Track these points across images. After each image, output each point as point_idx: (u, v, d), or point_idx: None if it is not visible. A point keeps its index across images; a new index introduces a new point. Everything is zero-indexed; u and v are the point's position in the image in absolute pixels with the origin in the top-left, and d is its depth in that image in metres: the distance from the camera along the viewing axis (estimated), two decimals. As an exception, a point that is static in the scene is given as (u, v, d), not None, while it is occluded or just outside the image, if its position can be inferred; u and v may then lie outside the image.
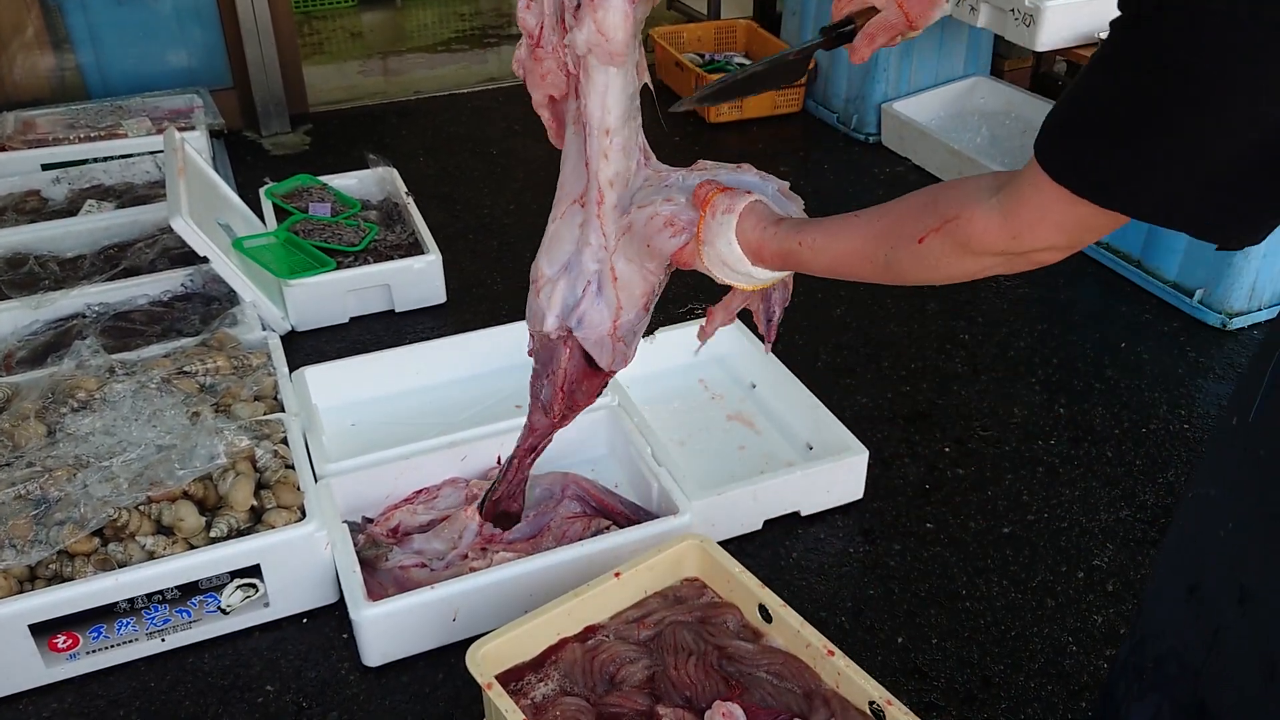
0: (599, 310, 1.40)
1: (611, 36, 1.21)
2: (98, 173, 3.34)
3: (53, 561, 1.87)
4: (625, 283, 1.37)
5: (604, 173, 1.34)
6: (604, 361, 1.45)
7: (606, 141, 1.32)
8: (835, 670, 1.61)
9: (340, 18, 5.76)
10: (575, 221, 1.40)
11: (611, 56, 1.23)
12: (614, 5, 1.20)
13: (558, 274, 1.43)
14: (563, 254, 1.42)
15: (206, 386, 2.29)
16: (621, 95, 1.29)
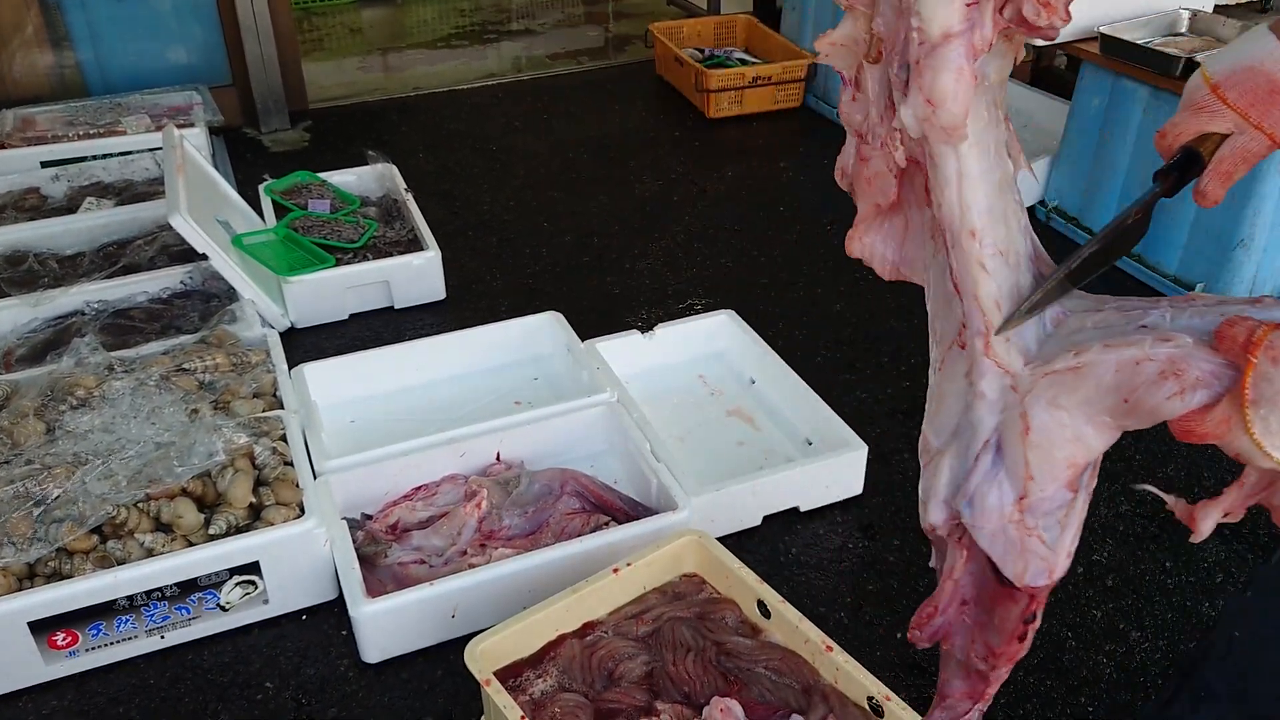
0: (995, 483, 1.02)
1: (942, 104, 0.93)
2: (97, 170, 3.34)
3: (52, 559, 1.87)
4: (1042, 439, 0.99)
5: (982, 290, 1.01)
6: (1007, 564, 1.03)
7: (975, 246, 1.00)
8: (834, 666, 1.61)
9: (340, 14, 5.75)
10: (959, 371, 1.06)
11: (947, 132, 0.94)
12: (946, 62, 0.91)
13: (945, 443, 1.08)
14: (950, 416, 1.08)
15: (206, 384, 2.29)
16: (982, 182, 0.99)
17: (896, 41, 0.96)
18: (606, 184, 3.69)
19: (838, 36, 1.02)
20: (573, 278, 3.13)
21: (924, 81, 0.93)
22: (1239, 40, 1.06)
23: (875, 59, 1.00)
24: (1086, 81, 3.17)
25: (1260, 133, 1.02)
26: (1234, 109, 1.02)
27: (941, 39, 0.91)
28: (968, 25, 0.91)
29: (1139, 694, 1.85)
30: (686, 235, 3.35)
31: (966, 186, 0.98)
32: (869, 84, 1.02)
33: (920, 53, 0.92)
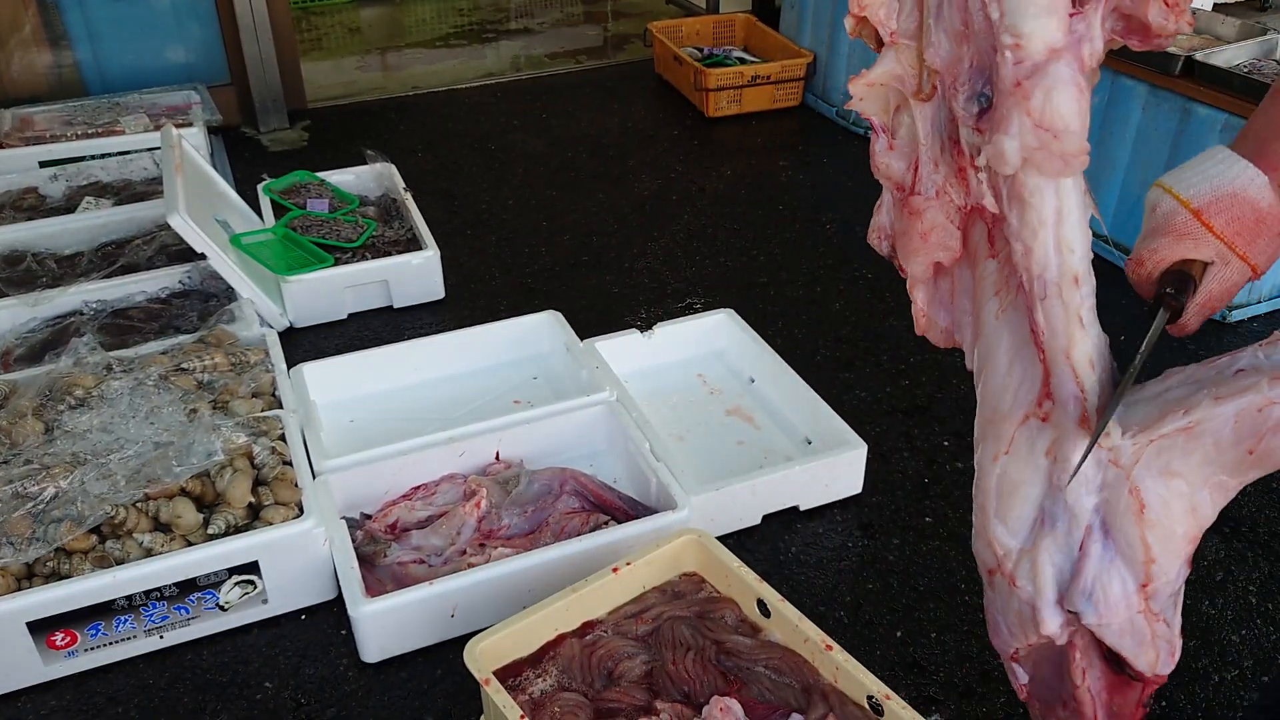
0: (1114, 572, 0.90)
1: (1065, 129, 0.82)
2: (95, 170, 3.34)
3: (50, 559, 1.87)
4: (1161, 515, 0.87)
5: (1077, 349, 0.89)
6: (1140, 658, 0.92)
7: (1076, 297, 0.88)
8: (834, 665, 1.61)
9: (338, 13, 5.75)
10: (1038, 448, 0.92)
11: (1067, 160, 0.83)
12: (1059, 80, 0.80)
13: (1029, 538, 0.93)
14: (1029, 505, 0.93)
15: (204, 383, 2.29)
16: (1082, 222, 0.88)
17: (960, 71, 0.86)
18: (605, 183, 3.69)
19: (877, 75, 0.90)
20: (572, 277, 3.13)
21: (1033, 106, 0.81)
22: (1203, 161, 1.00)
23: (928, 96, 0.90)
24: (1085, 80, 3.16)
25: (1244, 263, 0.97)
26: (1219, 237, 0.96)
27: (1047, 55, 0.81)
28: (1074, 38, 0.82)
29: (1139, 692, 1.85)
30: (685, 234, 3.34)
31: (1067, 227, 0.87)
32: (919, 126, 0.91)
33: (1020, 74, 0.81)
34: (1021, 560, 0.93)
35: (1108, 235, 3.25)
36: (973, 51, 0.84)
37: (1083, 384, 0.89)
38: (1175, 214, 0.96)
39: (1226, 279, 0.98)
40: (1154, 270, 0.99)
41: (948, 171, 0.91)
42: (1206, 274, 0.97)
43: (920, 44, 0.88)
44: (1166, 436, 0.86)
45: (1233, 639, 1.94)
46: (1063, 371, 0.89)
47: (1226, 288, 0.98)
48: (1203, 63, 2.79)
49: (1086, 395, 0.89)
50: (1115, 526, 0.89)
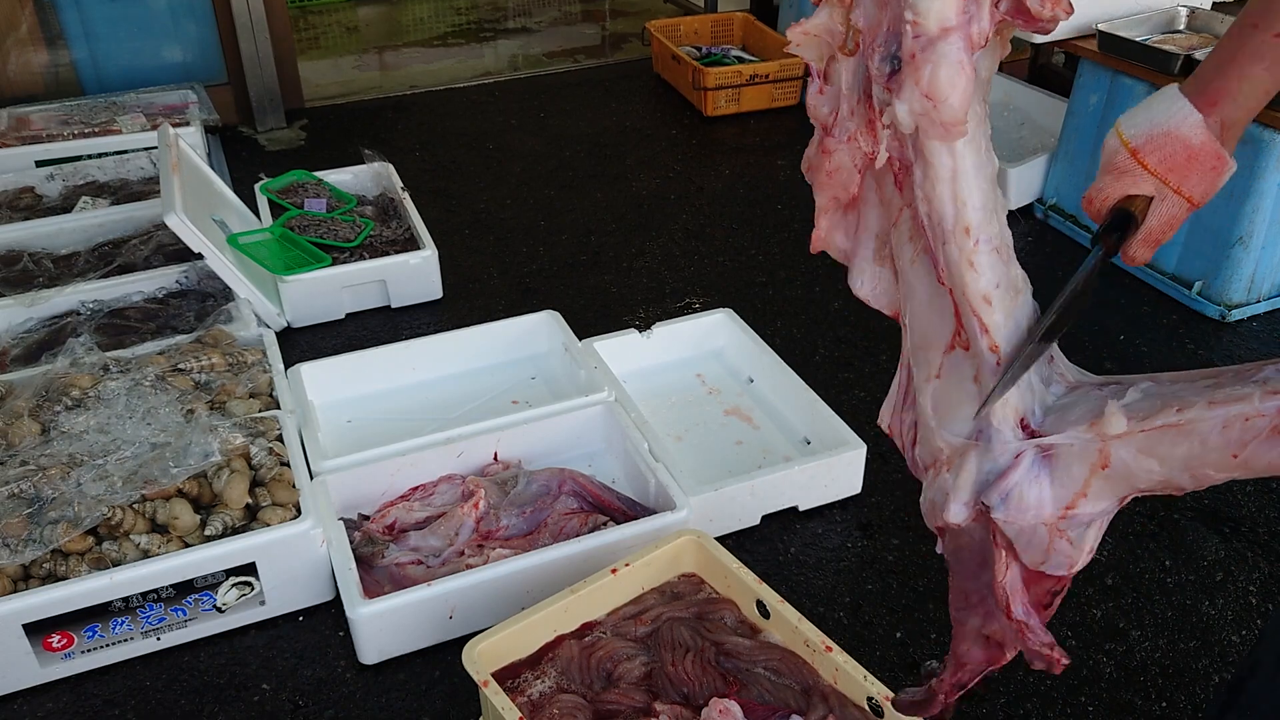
0: (1041, 488, 1.00)
1: (943, 99, 0.90)
2: (92, 169, 3.33)
3: (47, 560, 1.86)
4: (1119, 474, 0.97)
5: (973, 288, 0.99)
6: (1027, 555, 1.04)
7: (969, 244, 0.98)
8: (833, 666, 1.60)
9: (335, 12, 5.74)
10: (966, 374, 1.04)
11: (946, 128, 0.92)
12: (945, 57, 0.89)
13: (962, 446, 1.05)
14: (964, 420, 1.05)
15: (201, 383, 2.28)
16: (977, 178, 0.97)
17: (878, 34, 0.95)
18: (603, 182, 3.68)
19: (811, 26, 1.00)
20: (570, 276, 3.12)
21: (922, 76, 0.89)
22: (1152, 100, 1.08)
23: (851, 52, 0.98)
24: (1085, 79, 3.16)
25: (1180, 197, 1.05)
26: (1154, 174, 1.05)
27: (939, 33, 0.89)
28: (965, 18, 0.89)
29: (1138, 693, 1.85)
30: (684, 233, 3.34)
31: (962, 183, 0.96)
32: (841, 76, 1.00)
33: (916, 46, 0.90)
34: (951, 458, 1.05)
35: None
36: (890, 17, 0.94)
37: (980, 316, 1.00)
38: (1117, 153, 1.06)
39: (1164, 213, 1.07)
40: (1101, 207, 1.09)
41: (860, 122, 1.00)
42: (1150, 208, 1.07)
43: (850, 3, 0.97)
44: (1157, 430, 0.93)
45: (1233, 639, 1.94)
46: (965, 308, 1.00)
47: (1165, 220, 1.07)
48: (1202, 62, 2.78)
49: (988, 327, 1.00)
50: (1064, 460, 0.98)
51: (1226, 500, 2.26)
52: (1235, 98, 1.04)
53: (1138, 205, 1.07)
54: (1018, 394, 1.02)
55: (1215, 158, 1.05)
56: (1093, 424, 0.95)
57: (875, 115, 0.98)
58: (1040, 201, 3.37)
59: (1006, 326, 1.01)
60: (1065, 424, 0.99)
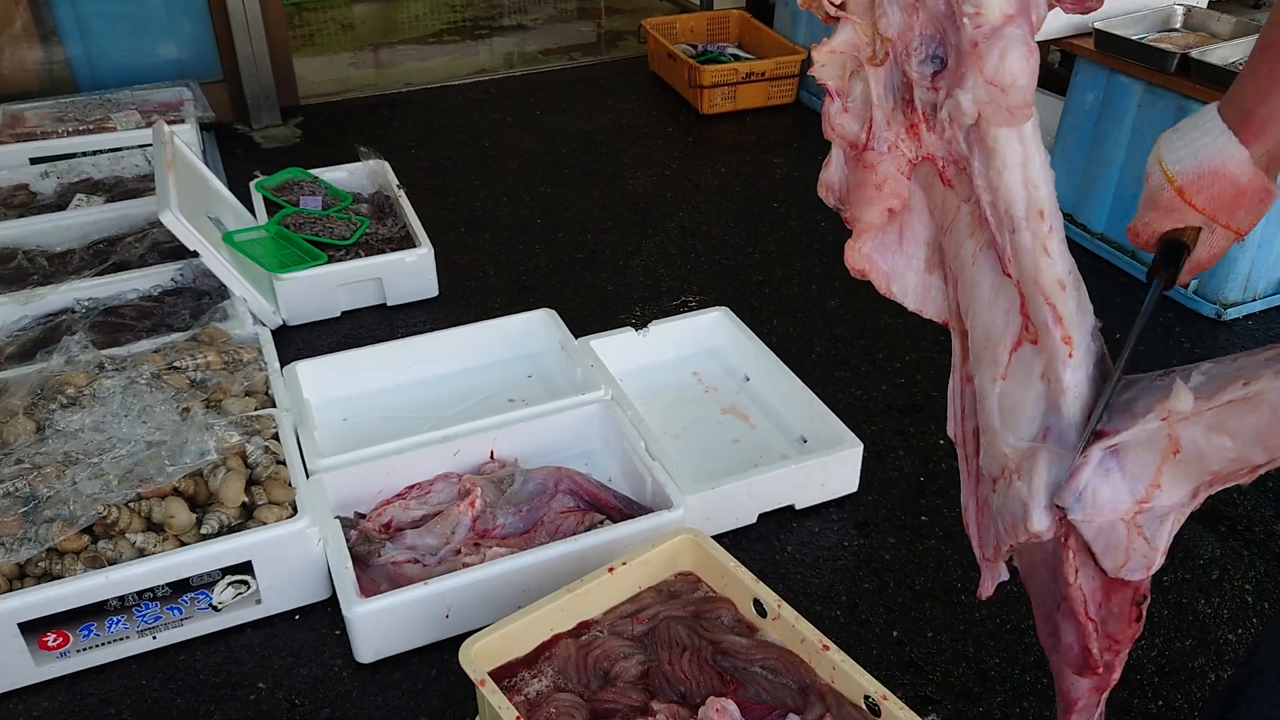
0: (1114, 483, 0.98)
1: (1014, 84, 0.92)
2: (86, 166, 3.32)
3: (42, 559, 1.86)
4: (1192, 458, 0.94)
5: (1048, 274, 0.98)
6: (1107, 558, 1.00)
7: (1044, 229, 0.98)
8: (830, 665, 1.60)
9: (331, 9, 5.73)
10: (1035, 370, 1.02)
11: (1013, 113, 0.94)
12: (1014, 40, 0.91)
13: (1032, 447, 1.02)
14: (1031, 420, 1.03)
15: (197, 382, 2.28)
16: (1045, 162, 0.99)
17: (911, 38, 0.96)
18: (599, 180, 3.68)
19: (838, 44, 1.00)
20: (566, 274, 3.12)
21: (988, 64, 0.91)
22: (1194, 128, 1.06)
23: (880, 61, 1.00)
24: (1081, 77, 3.16)
25: (1229, 231, 1.06)
26: (1203, 212, 1.04)
27: (1003, 19, 0.91)
28: (1024, 4, 0.92)
29: (1135, 691, 1.85)
30: (680, 231, 3.34)
31: (1033, 168, 0.97)
32: (872, 88, 1.01)
33: (978, 36, 0.91)
34: (1023, 460, 1.02)
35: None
36: (923, 20, 0.96)
37: (1054, 305, 0.99)
38: (1162, 189, 1.06)
39: (1214, 245, 1.07)
40: (1150, 239, 1.10)
41: (899, 128, 1.02)
42: (1198, 239, 1.07)
43: (874, 15, 0.98)
44: (1225, 405, 0.92)
45: (1229, 638, 1.94)
46: (1036, 298, 0.99)
47: (1214, 252, 1.08)
48: (1198, 60, 2.78)
49: (1062, 316, 0.99)
50: (1135, 451, 0.96)
51: (1222, 499, 2.26)
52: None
53: (1188, 235, 1.07)
54: (1088, 387, 1.01)
55: (1263, 191, 1.04)
56: (1160, 403, 0.94)
57: (919, 119, 1.00)
58: (1036, 200, 3.36)
59: (1079, 316, 1.01)
60: (1130, 418, 0.97)
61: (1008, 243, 0.99)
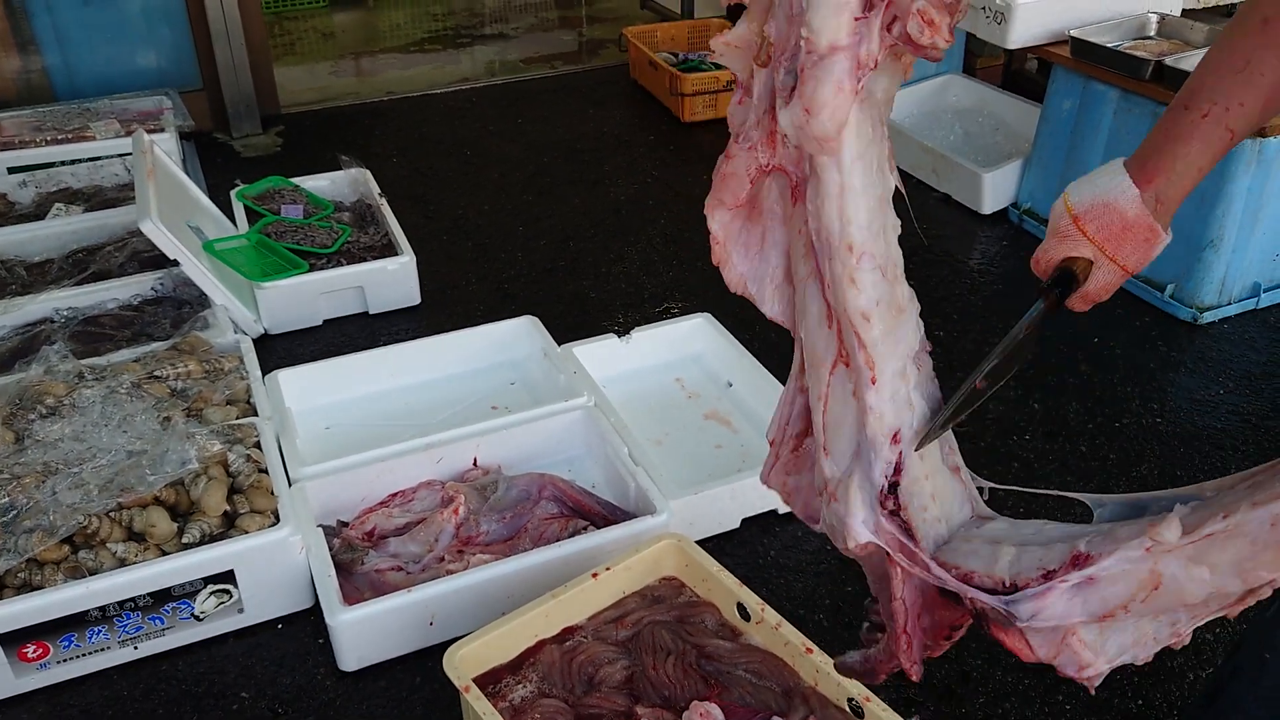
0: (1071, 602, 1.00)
1: (817, 114, 0.92)
2: (65, 176, 3.31)
3: (22, 570, 1.84)
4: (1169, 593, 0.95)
5: (852, 305, 1.00)
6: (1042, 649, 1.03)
7: (852, 261, 0.99)
8: (814, 668, 1.61)
9: (311, 18, 5.72)
10: (847, 391, 1.05)
11: (819, 143, 0.94)
12: (828, 74, 0.90)
13: (849, 468, 1.07)
14: (846, 442, 1.07)
15: (178, 391, 2.27)
16: (864, 197, 0.98)
17: (785, 48, 0.96)
18: (581, 188, 3.68)
19: (733, 37, 1.02)
20: (548, 282, 3.12)
21: (805, 90, 0.92)
22: (1099, 171, 1.14)
23: (764, 63, 1.00)
24: (1058, 85, 3.20)
25: (1115, 265, 1.13)
26: (1092, 241, 1.12)
27: (828, 50, 0.91)
28: (855, 39, 0.91)
29: (1115, 691, 1.87)
30: (662, 239, 3.35)
31: (848, 200, 0.98)
32: (755, 85, 1.02)
33: (807, 62, 0.92)
34: (839, 486, 1.07)
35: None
36: (795, 32, 0.96)
37: (859, 333, 1.02)
38: (1061, 217, 1.14)
39: (1101, 279, 1.14)
40: (1047, 267, 1.16)
41: (762, 132, 1.03)
42: (1090, 272, 1.14)
43: (765, 18, 0.99)
44: (1205, 539, 0.93)
45: (1206, 637, 1.96)
46: (845, 323, 1.02)
47: (1102, 285, 1.15)
48: (1172, 67, 2.82)
49: (865, 343, 1.02)
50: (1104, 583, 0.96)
51: (1200, 500, 2.28)
52: (1170, 175, 1.10)
53: (1079, 266, 1.14)
54: (893, 408, 1.04)
55: (1149, 230, 1.12)
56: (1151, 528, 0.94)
57: (776, 126, 1.00)
58: (1015, 206, 3.40)
59: (884, 343, 1.03)
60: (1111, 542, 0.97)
61: (826, 269, 1.02)
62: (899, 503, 1.07)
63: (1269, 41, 1.04)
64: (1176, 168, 1.10)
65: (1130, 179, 1.12)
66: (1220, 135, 1.08)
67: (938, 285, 3.07)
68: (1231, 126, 1.07)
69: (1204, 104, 1.07)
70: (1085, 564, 0.98)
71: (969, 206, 3.45)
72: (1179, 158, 1.09)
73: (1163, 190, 1.11)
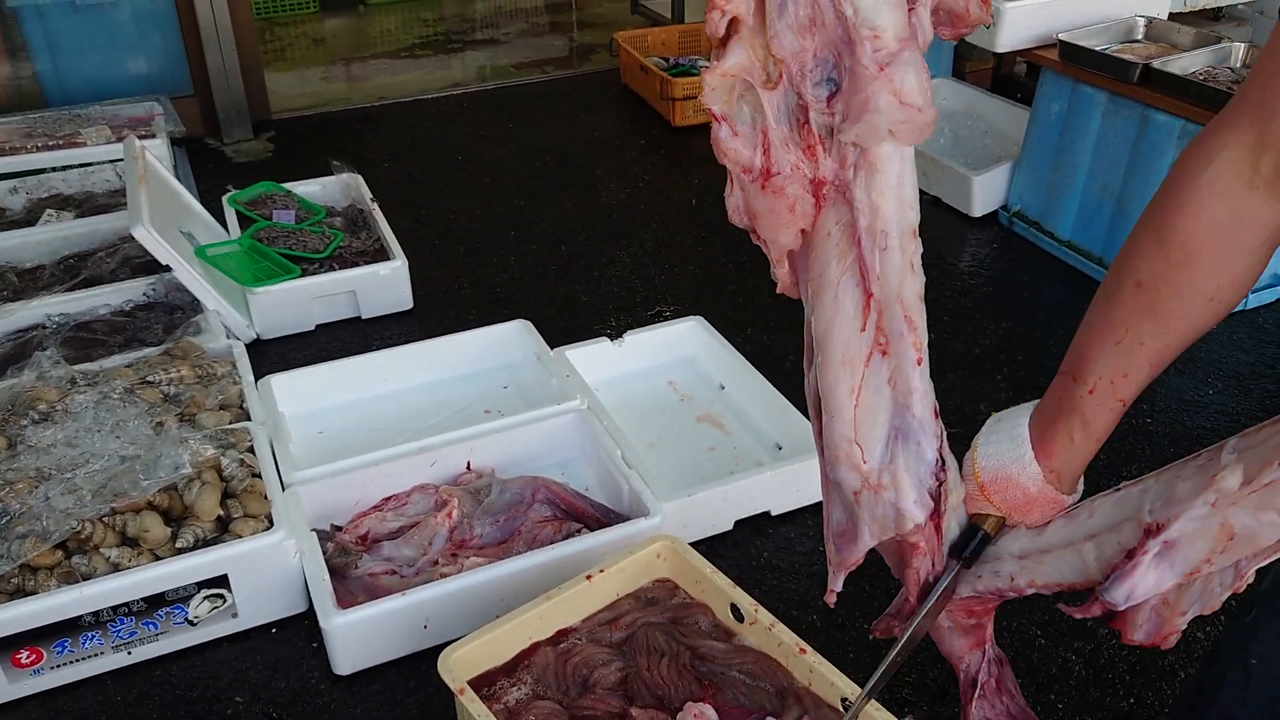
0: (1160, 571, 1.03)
1: (923, 103, 0.95)
2: (56, 182, 3.30)
3: (15, 575, 1.84)
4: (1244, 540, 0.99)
5: (911, 289, 1.04)
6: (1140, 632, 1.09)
7: (912, 246, 1.02)
8: (807, 668, 1.62)
9: (302, 23, 5.72)
10: (882, 377, 1.07)
11: (922, 130, 0.96)
12: (910, 64, 0.94)
13: (886, 453, 1.09)
14: (881, 429, 1.09)
15: (170, 396, 2.27)
16: (915, 183, 1.02)
17: (806, 60, 0.97)
18: (573, 192, 3.69)
19: (730, 67, 0.99)
20: (541, 286, 3.13)
21: (895, 85, 0.93)
22: (1003, 434, 1.15)
23: (774, 85, 1.00)
24: (1046, 88, 3.22)
25: (1023, 524, 1.15)
26: (999, 509, 1.15)
27: (899, 44, 0.93)
28: (914, 29, 0.95)
29: (1107, 690, 1.88)
30: (654, 243, 3.35)
31: (907, 187, 1.00)
32: (767, 111, 1.00)
33: (881, 59, 0.93)
34: (883, 473, 1.09)
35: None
36: (817, 43, 0.97)
37: (911, 316, 1.05)
38: (969, 480, 1.16)
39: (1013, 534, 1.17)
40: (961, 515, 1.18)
41: (798, 150, 1.02)
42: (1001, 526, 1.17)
43: (765, 37, 0.98)
44: (1266, 487, 0.95)
45: (1197, 635, 1.97)
46: (894, 311, 1.04)
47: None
48: (1160, 70, 2.84)
49: (916, 325, 1.05)
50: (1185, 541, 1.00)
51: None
52: (1069, 448, 1.10)
53: (989, 524, 1.17)
54: (930, 387, 1.08)
55: (1052, 502, 1.13)
56: (1210, 482, 0.98)
57: (815, 140, 1.00)
58: (1004, 208, 3.41)
59: (923, 325, 1.07)
60: (1172, 504, 1.01)
61: (877, 260, 1.02)
62: (946, 474, 1.11)
63: (1144, 306, 1.02)
64: (1075, 439, 1.10)
65: (1031, 450, 1.12)
66: (1112, 406, 1.07)
67: (928, 288, 3.06)
68: (1122, 397, 1.06)
69: (1090, 378, 1.06)
70: (1158, 533, 1.01)
71: (959, 209, 3.46)
72: (1075, 429, 1.09)
73: (1063, 464, 1.12)
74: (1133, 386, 1.06)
